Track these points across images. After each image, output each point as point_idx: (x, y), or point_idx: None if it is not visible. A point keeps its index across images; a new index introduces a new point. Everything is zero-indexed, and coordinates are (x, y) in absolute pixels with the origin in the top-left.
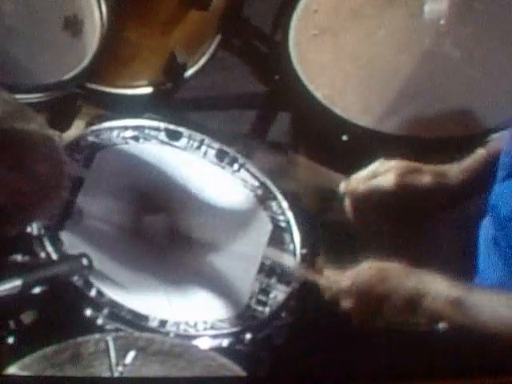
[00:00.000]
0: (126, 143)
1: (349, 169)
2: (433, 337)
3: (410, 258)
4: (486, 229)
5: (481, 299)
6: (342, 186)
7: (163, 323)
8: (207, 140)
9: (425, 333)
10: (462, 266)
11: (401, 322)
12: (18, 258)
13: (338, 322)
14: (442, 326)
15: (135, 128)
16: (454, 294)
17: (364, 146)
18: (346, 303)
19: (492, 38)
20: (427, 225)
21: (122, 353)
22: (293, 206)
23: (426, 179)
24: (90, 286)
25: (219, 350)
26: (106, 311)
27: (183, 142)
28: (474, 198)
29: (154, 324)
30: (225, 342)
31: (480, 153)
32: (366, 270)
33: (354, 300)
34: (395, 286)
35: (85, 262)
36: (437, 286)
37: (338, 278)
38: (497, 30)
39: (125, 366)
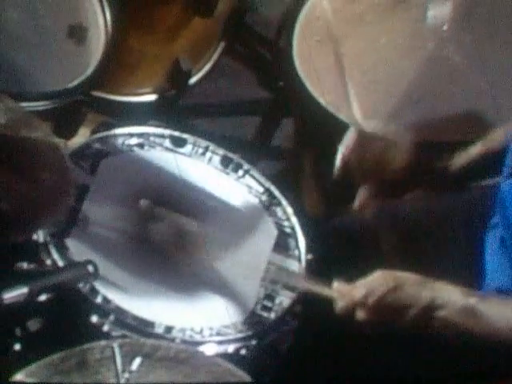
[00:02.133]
0: (131, 150)
1: None
2: (440, 343)
3: (416, 262)
4: (494, 229)
5: (494, 308)
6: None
7: (169, 329)
8: (212, 146)
9: (432, 339)
10: (469, 268)
11: (415, 330)
12: (24, 265)
13: (342, 328)
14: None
15: (140, 135)
16: (468, 304)
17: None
18: (360, 315)
19: (495, 44)
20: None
21: (128, 359)
22: (298, 212)
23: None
24: (95, 292)
25: (225, 355)
26: (111, 318)
27: (188, 148)
28: (469, 185)
29: (159, 330)
30: (230, 348)
31: (477, 146)
32: (378, 279)
33: (369, 311)
34: (410, 296)
35: (90, 268)
36: (451, 296)
37: (349, 290)
38: (499, 36)
39: (131, 372)
